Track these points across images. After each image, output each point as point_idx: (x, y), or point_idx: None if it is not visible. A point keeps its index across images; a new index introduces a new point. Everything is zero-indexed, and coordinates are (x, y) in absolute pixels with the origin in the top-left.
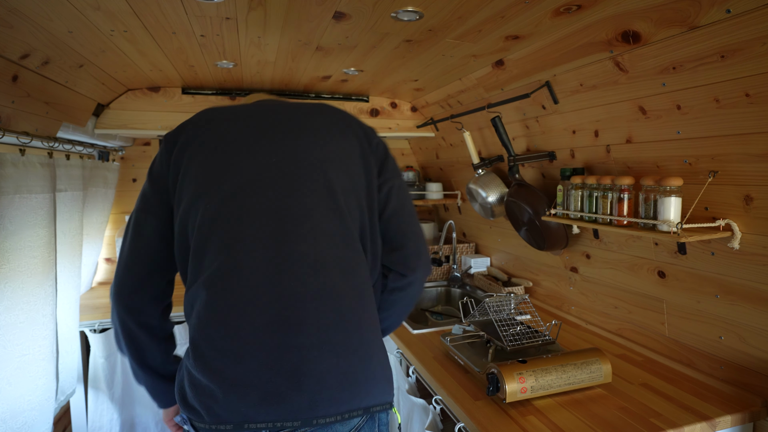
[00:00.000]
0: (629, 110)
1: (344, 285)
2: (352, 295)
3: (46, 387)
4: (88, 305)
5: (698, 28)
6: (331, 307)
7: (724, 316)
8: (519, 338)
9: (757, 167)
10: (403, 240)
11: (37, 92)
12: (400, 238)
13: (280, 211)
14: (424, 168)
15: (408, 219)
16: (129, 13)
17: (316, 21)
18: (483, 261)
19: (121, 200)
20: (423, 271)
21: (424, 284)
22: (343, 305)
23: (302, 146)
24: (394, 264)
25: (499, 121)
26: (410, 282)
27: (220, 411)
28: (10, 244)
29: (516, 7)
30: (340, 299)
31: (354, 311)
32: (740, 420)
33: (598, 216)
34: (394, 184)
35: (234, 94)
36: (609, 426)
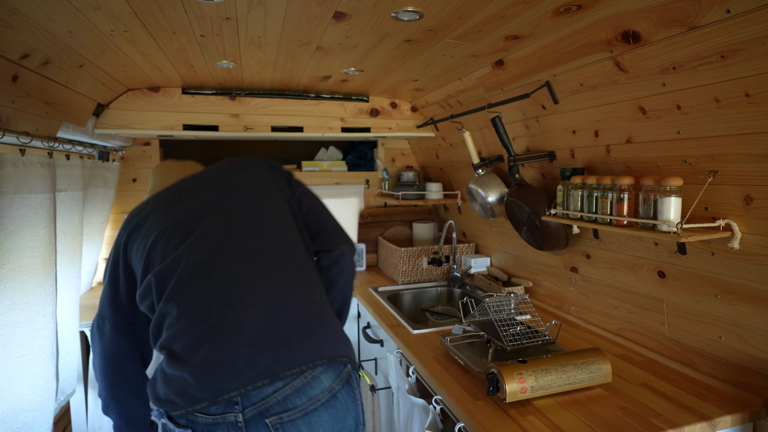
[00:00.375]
0: (629, 110)
1: (286, 263)
2: (292, 268)
3: (46, 387)
4: (88, 305)
5: (698, 28)
6: (275, 279)
7: (724, 316)
8: (519, 338)
9: (757, 167)
10: (322, 225)
11: (37, 92)
12: (319, 225)
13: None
14: (424, 168)
15: (322, 211)
16: (129, 13)
17: (316, 21)
18: (483, 261)
19: (121, 200)
20: (347, 245)
21: (354, 261)
22: (287, 277)
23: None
24: (321, 245)
25: (499, 121)
26: (338, 255)
27: (193, 393)
28: (10, 244)
29: (516, 7)
30: (283, 273)
31: (297, 280)
32: (740, 420)
33: (598, 216)
34: (302, 190)
35: (234, 94)
36: (609, 426)
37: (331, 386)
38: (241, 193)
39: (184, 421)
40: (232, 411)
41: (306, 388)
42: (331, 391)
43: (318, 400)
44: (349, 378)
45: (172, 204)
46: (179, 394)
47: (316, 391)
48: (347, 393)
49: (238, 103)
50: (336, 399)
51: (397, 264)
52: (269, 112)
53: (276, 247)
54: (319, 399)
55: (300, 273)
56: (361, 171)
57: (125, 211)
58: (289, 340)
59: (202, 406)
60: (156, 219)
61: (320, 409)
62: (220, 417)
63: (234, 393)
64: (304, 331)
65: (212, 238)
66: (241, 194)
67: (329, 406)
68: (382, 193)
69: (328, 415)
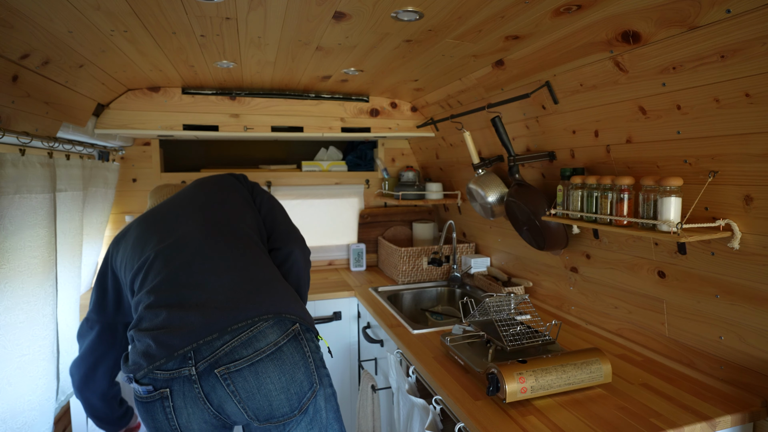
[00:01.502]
0: (629, 110)
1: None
2: (244, 251)
3: (46, 387)
4: (88, 305)
5: (698, 28)
6: (227, 260)
7: (724, 316)
8: (519, 338)
9: (757, 167)
10: (275, 226)
11: (37, 92)
12: (273, 226)
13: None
14: (424, 168)
15: (277, 214)
16: (129, 13)
17: (316, 21)
18: (483, 261)
19: (121, 200)
20: (296, 244)
21: (307, 257)
22: (238, 258)
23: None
24: (273, 242)
25: (499, 121)
26: (287, 253)
27: (153, 352)
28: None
29: (516, 7)
30: (235, 255)
31: (248, 259)
32: (740, 420)
33: (598, 216)
34: (263, 197)
35: (234, 94)
36: (609, 426)
37: (276, 340)
38: (206, 197)
39: (147, 380)
40: (185, 366)
41: (252, 341)
42: (276, 344)
43: (263, 352)
44: (297, 335)
45: (149, 218)
46: (143, 356)
47: (261, 344)
48: (294, 348)
49: (238, 103)
50: (281, 352)
51: (397, 264)
52: (269, 112)
53: (231, 236)
54: (264, 351)
55: (251, 255)
56: (361, 171)
57: (125, 211)
58: (239, 302)
59: (160, 363)
60: (135, 230)
61: (265, 360)
62: (175, 372)
63: (187, 348)
64: (252, 293)
65: (173, 234)
66: (204, 199)
67: (275, 358)
68: (382, 193)
69: (274, 366)
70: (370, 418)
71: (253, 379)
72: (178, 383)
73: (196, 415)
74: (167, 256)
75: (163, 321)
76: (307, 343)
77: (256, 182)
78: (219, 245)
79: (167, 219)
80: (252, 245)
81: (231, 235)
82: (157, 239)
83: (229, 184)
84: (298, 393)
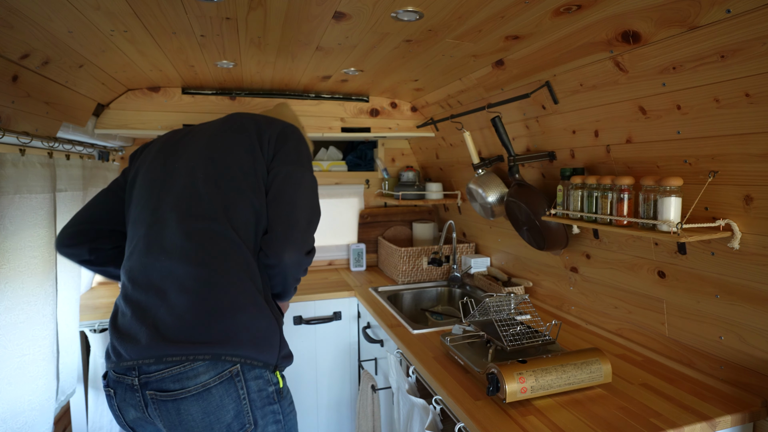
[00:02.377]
0: (629, 110)
1: (214, 251)
2: (220, 258)
3: (46, 387)
4: (88, 305)
5: (698, 28)
6: (196, 267)
7: (724, 316)
8: (519, 338)
9: (757, 167)
10: (273, 224)
11: (37, 92)
12: (271, 223)
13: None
14: (424, 168)
15: (284, 206)
16: (129, 13)
17: (316, 21)
18: (483, 261)
19: None
20: (288, 253)
21: (301, 266)
22: (209, 267)
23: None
24: (262, 244)
25: (499, 121)
26: (275, 264)
27: (111, 354)
28: (10, 244)
29: (516, 7)
30: (206, 262)
31: (219, 272)
32: (740, 420)
33: (598, 216)
34: (279, 171)
35: (234, 94)
36: (609, 426)
37: (206, 382)
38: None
39: (107, 375)
40: (129, 375)
41: (181, 377)
42: (205, 386)
43: (189, 391)
44: (234, 377)
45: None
46: (107, 355)
47: (189, 383)
48: (224, 390)
49: (238, 103)
50: (210, 393)
51: (397, 264)
52: None
53: (209, 238)
54: (190, 390)
55: (224, 269)
56: (361, 171)
57: None
58: (183, 332)
59: (112, 365)
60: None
61: (190, 399)
62: (121, 377)
63: (130, 362)
64: (203, 324)
65: (160, 211)
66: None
67: (200, 399)
68: (382, 193)
69: (198, 406)
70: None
71: (176, 414)
72: (122, 388)
73: (140, 417)
74: (149, 241)
75: (126, 324)
76: (246, 383)
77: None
78: (193, 252)
79: (168, 172)
80: (230, 253)
81: (209, 238)
82: (149, 212)
83: (246, 146)
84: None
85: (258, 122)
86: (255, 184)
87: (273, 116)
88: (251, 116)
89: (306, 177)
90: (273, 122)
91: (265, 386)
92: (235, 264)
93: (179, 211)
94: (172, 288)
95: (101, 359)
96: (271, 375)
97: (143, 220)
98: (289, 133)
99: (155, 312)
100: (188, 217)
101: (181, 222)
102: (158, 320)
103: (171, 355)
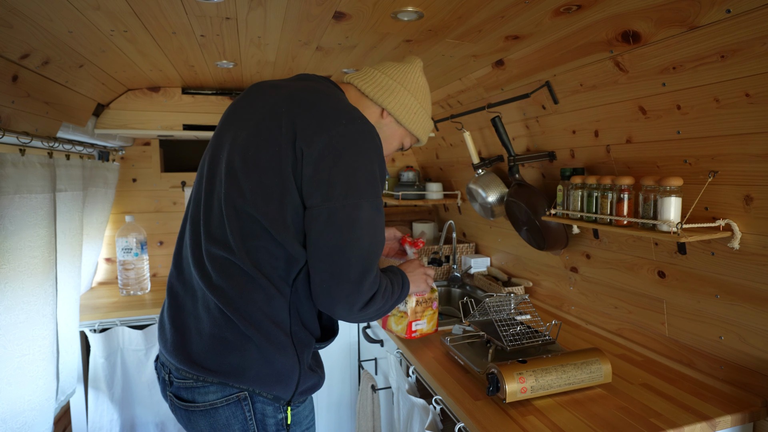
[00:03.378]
0: (629, 110)
1: (221, 282)
2: (235, 293)
3: (46, 387)
4: (88, 305)
5: (698, 28)
6: (218, 283)
7: (724, 316)
8: (519, 338)
9: (757, 167)
10: (313, 275)
11: (37, 92)
12: (311, 270)
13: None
14: (424, 168)
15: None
16: (129, 13)
17: (316, 21)
18: (483, 261)
19: (121, 200)
20: (341, 316)
21: (364, 319)
22: (231, 287)
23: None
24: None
25: (499, 121)
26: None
27: (159, 340)
28: (10, 244)
29: (516, 7)
30: (229, 281)
31: (238, 294)
32: (740, 420)
33: (598, 216)
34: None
35: (234, 94)
36: (609, 426)
37: (213, 401)
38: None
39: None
40: (163, 369)
41: (193, 392)
42: (212, 405)
43: (198, 407)
44: (241, 401)
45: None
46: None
47: (198, 399)
48: (231, 412)
49: None
50: (217, 412)
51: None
52: None
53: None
54: (198, 406)
55: (243, 301)
56: None
57: (125, 211)
58: (199, 351)
59: (157, 355)
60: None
61: (198, 414)
62: (159, 367)
63: (162, 358)
64: (212, 353)
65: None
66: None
67: (208, 416)
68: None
69: (206, 421)
70: (370, 418)
71: (187, 421)
72: (158, 377)
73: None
74: (182, 238)
75: (164, 316)
76: (253, 406)
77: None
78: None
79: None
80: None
81: (227, 267)
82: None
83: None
84: None
85: (294, 113)
86: (279, 220)
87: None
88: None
89: (360, 210)
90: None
91: (274, 413)
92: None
93: (206, 231)
94: (201, 298)
95: (101, 359)
96: (283, 407)
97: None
98: (342, 147)
99: (185, 318)
100: (209, 238)
101: (206, 242)
102: (186, 328)
103: (185, 370)
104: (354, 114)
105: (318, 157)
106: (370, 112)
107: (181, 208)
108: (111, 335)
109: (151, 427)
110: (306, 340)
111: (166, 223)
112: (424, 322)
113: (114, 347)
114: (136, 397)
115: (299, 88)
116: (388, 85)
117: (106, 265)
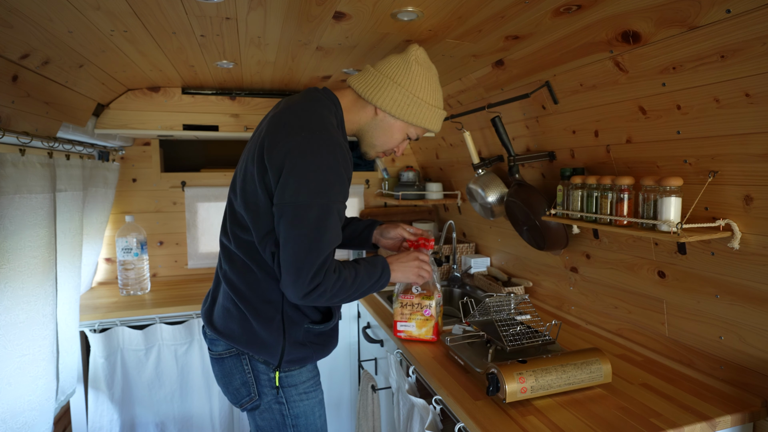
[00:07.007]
0: (629, 110)
1: (226, 267)
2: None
3: (46, 387)
4: (88, 305)
5: (698, 28)
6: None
7: (724, 316)
8: (519, 338)
9: (757, 167)
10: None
11: (37, 92)
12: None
13: None
14: (424, 168)
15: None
16: (129, 13)
17: (316, 21)
18: (483, 261)
19: (121, 200)
20: (290, 296)
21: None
22: (231, 269)
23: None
24: None
25: (499, 121)
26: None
27: None
28: (10, 244)
29: (516, 7)
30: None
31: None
32: (740, 420)
33: (598, 216)
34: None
35: (234, 94)
36: (609, 426)
37: (221, 352)
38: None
39: None
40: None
41: (212, 343)
42: (220, 355)
43: (212, 355)
44: (239, 354)
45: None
46: None
47: (214, 349)
48: (233, 363)
49: (238, 103)
50: (223, 361)
51: None
52: None
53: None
54: (213, 354)
55: (243, 281)
56: (361, 171)
57: (125, 210)
58: (216, 313)
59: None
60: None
61: (214, 360)
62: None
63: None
64: (224, 315)
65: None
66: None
67: (219, 363)
68: (382, 193)
69: (218, 367)
70: (370, 418)
71: (212, 367)
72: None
73: None
74: None
75: (212, 288)
76: (251, 362)
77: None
78: (226, 256)
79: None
80: (245, 266)
81: (230, 250)
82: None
83: (255, 159)
84: (236, 396)
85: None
86: (257, 220)
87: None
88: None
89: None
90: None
91: (267, 371)
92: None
93: (222, 226)
94: (222, 277)
95: (101, 359)
96: (272, 370)
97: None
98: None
99: (216, 285)
100: (222, 231)
101: (221, 234)
102: (215, 299)
103: (206, 324)
104: (313, 127)
105: (279, 165)
106: (366, 111)
107: (181, 208)
108: (111, 335)
109: (151, 427)
110: (297, 318)
111: (166, 223)
112: (413, 326)
113: (114, 347)
114: (136, 397)
115: (283, 108)
116: (378, 81)
117: (106, 265)
